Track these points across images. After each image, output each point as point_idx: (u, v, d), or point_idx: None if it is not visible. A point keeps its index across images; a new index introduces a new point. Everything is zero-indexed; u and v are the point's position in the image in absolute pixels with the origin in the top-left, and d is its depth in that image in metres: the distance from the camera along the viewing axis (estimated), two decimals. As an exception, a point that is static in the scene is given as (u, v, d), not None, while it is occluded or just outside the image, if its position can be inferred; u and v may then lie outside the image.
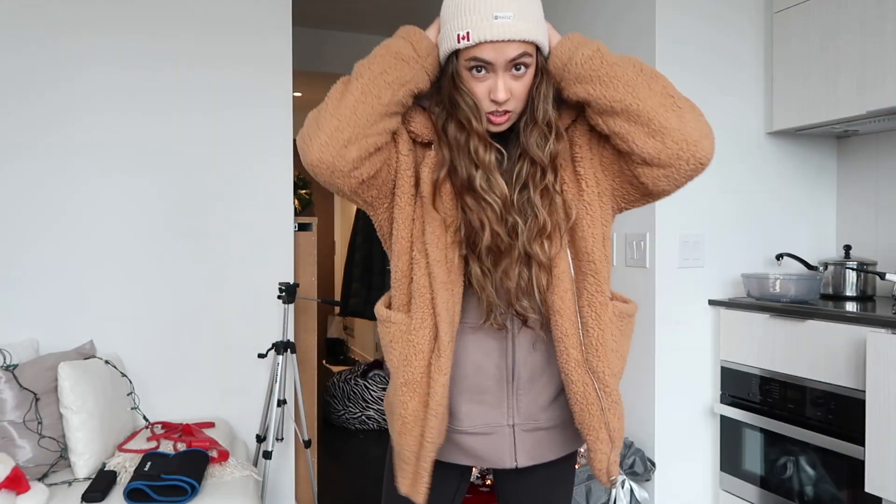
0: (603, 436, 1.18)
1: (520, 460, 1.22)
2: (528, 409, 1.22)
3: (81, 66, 2.51)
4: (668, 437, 2.52)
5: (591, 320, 1.16)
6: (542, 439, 1.23)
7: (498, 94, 1.09)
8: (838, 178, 2.81)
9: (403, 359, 1.17)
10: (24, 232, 2.45)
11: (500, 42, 1.07)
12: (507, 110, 1.13)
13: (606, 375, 1.16)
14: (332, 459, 3.86)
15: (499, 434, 1.21)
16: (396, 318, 1.19)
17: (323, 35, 5.15)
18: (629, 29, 2.61)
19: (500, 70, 1.09)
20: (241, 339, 2.71)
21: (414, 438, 1.17)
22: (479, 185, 1.13)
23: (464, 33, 1.08)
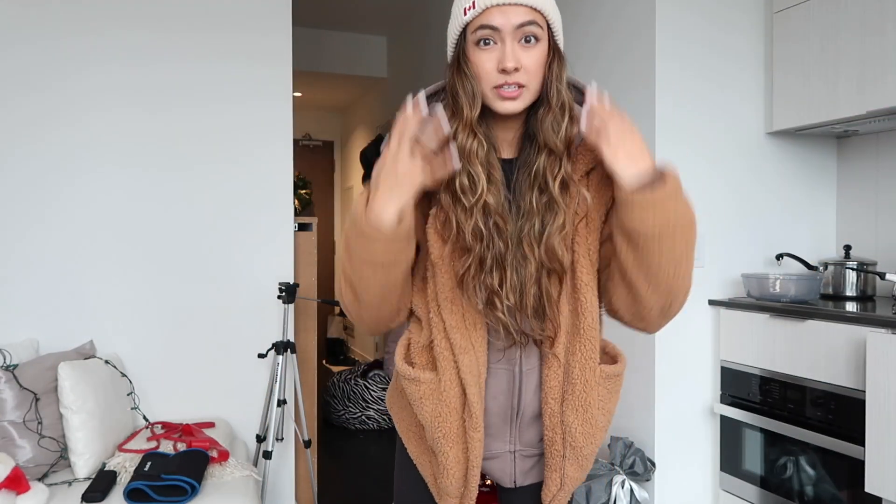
0: (555, 477, 1.21)
1: (518, 481, 1.28)
2: (527, 439, 1.26)
3: (82, 64, 2.51)
4: (668, 436, 2.52)
5: (578, 382, 1.17)
6: (536, 463, 1.28)
7: (507, 60, 1.04)
8: (838, 178, 2.81)
9: (437, 415, 1.19)
10: (24, 231, 2.45)
11: (506, 5, 1.04)
12: (519, 83, 1.06)
13: (577, 433, 1.18)
14: (332, 459, 3.86)
15: (501, 459, 1.26)
16: (425, 378, 1.19)
17: (323, 35, 5.15)
18: (629, 24, 2.61)
19: (508, 37, 1.05)
20: (241, 339, 2.71)
21: (459, 479, 1.21)
22: (459, 183, 1.08)
23: (469, 4, 1.05)
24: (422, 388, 1.19)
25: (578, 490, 2.36)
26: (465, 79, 1.09)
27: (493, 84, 1.07)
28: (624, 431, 2.64)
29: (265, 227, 2.75)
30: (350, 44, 5.25)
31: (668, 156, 2.50)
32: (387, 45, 5.35)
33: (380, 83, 5.54)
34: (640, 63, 2.55)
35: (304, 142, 7.27)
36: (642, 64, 2.55)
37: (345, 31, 5.19)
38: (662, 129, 2.49)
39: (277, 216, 2.76)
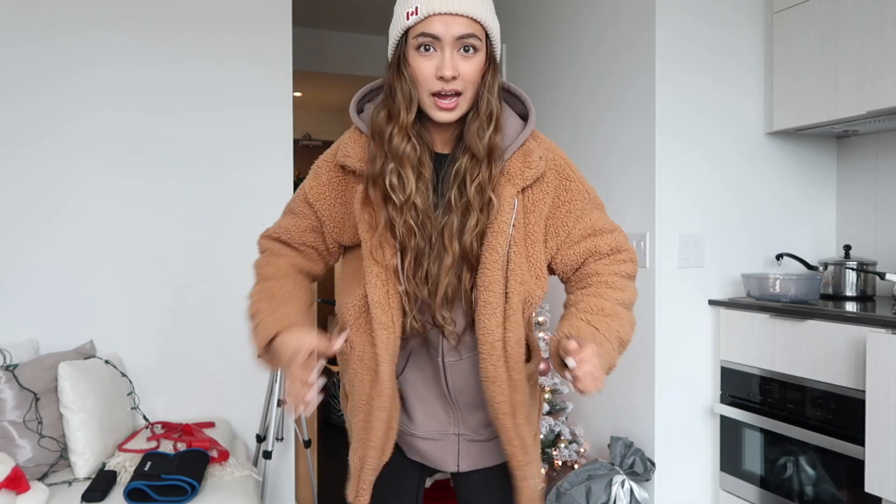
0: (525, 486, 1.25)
1: (462, 465, 1.31)
2: (471, 424, 1.30)
3: (81, 64, 2.51)
4: (668, 437, 2.52)
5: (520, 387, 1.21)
6: (483, 449, 1.32)
7: (444, 69, 1.08)
8: (838, 178, 2.81)
9: (351, 386, 1.26)
10: (25, 232, 2.45)
11: (448, 15, 1.07)
12: (456, 91, 1.10)
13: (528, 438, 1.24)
14: (332, 459, 3.86)
15: (446, 441, 1.30)
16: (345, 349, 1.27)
17: (323, 35, 5.15)
18: (629, 23, 2.61)
19: (447, 46, 1.08)
20: (241, 338, 2.71)
21: (358, 458, 1.25)
22: (389, 182, 1.13)
23: (412, 9, 1.08)
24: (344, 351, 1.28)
25: (578, 490, 2.36)
26: (404, 82, 1.12)
27: (430, 90, 1.11)
28: (624, 431, 2.64)
29: (265, 226, 2.74)
30: (350, 44, 5.24)
31: (668, 155, 2.50)
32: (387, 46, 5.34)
33: (380, 83, 5.53)
34: (640, 62, 2.55)
35: (304, 142, 7.27)
36: (642, 63, 2.55)
37: (345, 31, 5.19)
38: (662, 128, 2.49)
39: (277, 216, 2.75)
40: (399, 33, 1.12)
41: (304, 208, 1.28)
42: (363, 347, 1.22)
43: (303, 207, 1.28)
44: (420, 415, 1.29)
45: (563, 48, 3.03)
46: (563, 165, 1.24)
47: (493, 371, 1.18)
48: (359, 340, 1.22)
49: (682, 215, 2.54)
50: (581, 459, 2.73)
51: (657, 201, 2.49)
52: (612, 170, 2.71)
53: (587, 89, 2.87)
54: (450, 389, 1.26)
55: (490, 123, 1.14)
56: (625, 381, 2.65)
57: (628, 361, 2.62)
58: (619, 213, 2.62)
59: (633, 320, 1.24)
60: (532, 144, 1.21)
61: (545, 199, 1.20)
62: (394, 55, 1.14)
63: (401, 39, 1.12)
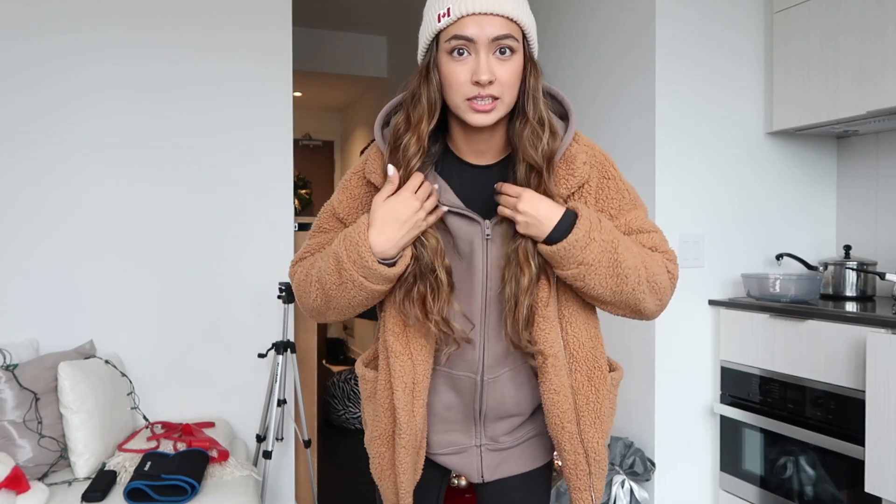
0: (586, 496, 1.21)
1: (485, 476, 1.28)
2: (493, 434, 1.27)
3: (81, 63, 2.51)
4: (668, 437, 2.52)
5: (591, 395, 1.18)
6: (507, 457, 1.28)
7: (481, 72, 1.02)
8: (838, 178, 2.81)
9: (375, 415, 1.23)
10: (25, 231, 2.45)
11: (482, 15, 1.01)
12: (493, 95, 1.04)
13: (599, 446, 1.19)
14: (332, 459, 3.86)
15: (467, 453, 1.27)
16: (368, 377, 1.25)
17: (323, 35, 5.15)
18: (629, 23, 2.61)
19: (482, 49, 1.02)
20: (241, 338, 2.71)
21: (391, 484, 1.23)
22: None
23: (444, 10, 1.03)
24: (366, 387, 1.25)
25: (578, 490, 2.36)
26: (431, 88, 1.08)
27: (466, 95, 1.05)
28: (624, 431, 2.64)
29: (265, 226, 2.75)
30: (350, 44, 5.24)
31: (668, 155, 2.50)
32: (387, 45, 5.35)
33: (380, 83, 5.54)
34: (641, 62, 2.55)
35: (304, 142, 7.27)
36: (642, 63, 2.55)
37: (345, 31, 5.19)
38: (662, 128, 2.49)
39: (277, 216, 2.76)
40: (430, 37, 1.07)
41: (334, 223, 1.23)
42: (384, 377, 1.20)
43: (332, 223, 1.24)
44: (436, 437, 1.26)
45: (563, 48, 3.03)
46: (604, 163, 1.20)
47: (557, 383, 1.14)
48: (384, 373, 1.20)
49: (682, 215, 2.54)
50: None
51: (657, 201, 2.49)
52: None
53: (587, 89, 2.87)
54: (482, 406, 1.22)
55: (543, 129, 1.09)
56: (625, 381, 2.65)
57: (628, 361, 2.62)
58: (619, 213, 2.61)
59: (649, 265, 1.14)
60: (575, 148, 1.16)
61: (588, 200, 1.17)
62: (424, 60, 1.09)
63: (431, 44, 1.07)
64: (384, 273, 1.07)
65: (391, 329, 1.16)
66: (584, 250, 1.06)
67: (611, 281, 1.09)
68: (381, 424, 1.21)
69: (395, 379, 1.16)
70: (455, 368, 1.21)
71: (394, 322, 1.16)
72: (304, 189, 6.88)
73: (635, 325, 2.57)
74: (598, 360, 1.18)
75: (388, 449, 1.22)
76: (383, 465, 1.23)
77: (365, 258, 1.06)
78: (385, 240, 1.07)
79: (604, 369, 1.19)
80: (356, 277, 1.08)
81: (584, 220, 1.07)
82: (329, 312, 1.18)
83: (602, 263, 1.08)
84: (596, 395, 1.17)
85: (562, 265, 1.08)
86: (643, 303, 1.14)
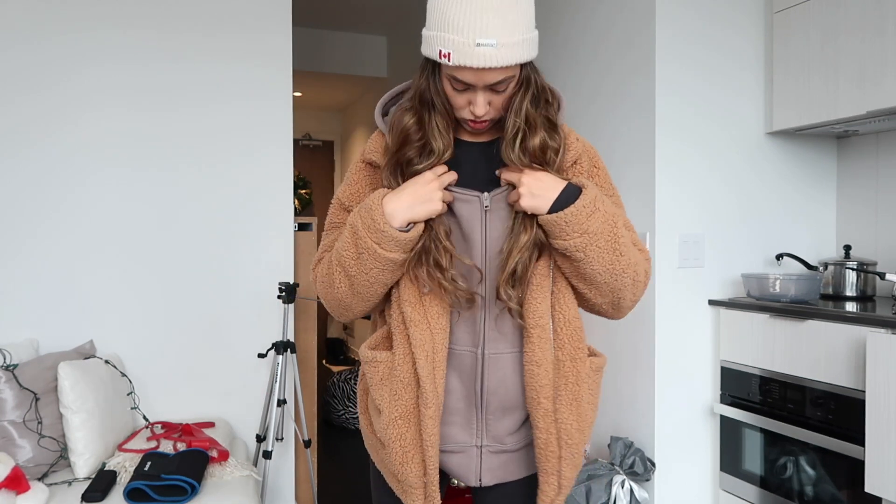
0: (553, 481, 1.21)
1: (484, 479, 1.26)
2: (496, 432, 1.25)
3: (81, 63, 2.51)
4: (667, 437, 2.52)
5: (571, 374, 1.19)
6: (508, 461, 1.27)
7: (477, 110, 1.12)
8: (838, 178, 2.81)
9: (393, 394, 1.20)
10: (25, 231, 2.45)
11: (480, 70, 1.07)
12: (485, 119, 1.16)
13: (573, 429, 1.19)
14: (332, 459, 3.86)
15: (466, 454, 1.25)
16: (381, 357, 1.23)
17: (323, 35, 5.14)
18: (629, 23, 2.61)
19: (479, 90, 1.11)
20: (241, 338, 2.71)
21: (418, 465, 1.20)
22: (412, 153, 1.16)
23: (446, 52, 1.07)
24: (380, 369, 1.22)
25: (578, 490, 2.36)
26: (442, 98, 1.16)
27: (462, 116, 1.16)
28: (624, 431, 2.64)
29: (265, 226, 2.75)
30: (350, 44, 5.24)
31: (668, 155, 2.50)
32: (387, 45, 5.35)
33: (380, 83, 5.54)
34: (640, 62, 2.55)
35: (304, 142, 7.27)
36: (642, 63, 2.54)
37: (345, 31, 5.19)
38: (662, 128, 2.49)
39: (277, 216, 2.76)
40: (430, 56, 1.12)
41: (342, 215, 1.28)
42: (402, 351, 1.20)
43: (342, 216, 1.28)
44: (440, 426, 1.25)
45: (563, 48, 3.03)
46: (595, 154, 1.27)
47: (540, 355, 1.17)
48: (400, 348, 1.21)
49: (682, 215, 2.54)
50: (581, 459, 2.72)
51: (657, 201, 2.49)
52: (612, 170, 2.70)
53: (587, 89, 2.87)
54: (483, 388, 1.21)
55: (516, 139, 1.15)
56: (625, 381, 2.65)
57: (628, 361, 2.62)
58: (619, 213, 2.61)
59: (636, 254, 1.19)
60: (566, 129, 1.24)
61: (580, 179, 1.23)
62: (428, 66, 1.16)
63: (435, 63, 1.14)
64: (396, 236, 1.10)
65: (407, 299, 1.17)
66: (589, 218, 1.10)
67: (609, 256, 1.12)
68: (401, 402, 1.19)
69: (417, 348, 1.16)
70: (457, 343, 1.21)
71: (409, 292, 1.18)
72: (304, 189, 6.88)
73: (635, 325, 2.57)
74: (581, 343, 1.21)
75: (412, 426, 1.19)
76: (406, 447, 1.19)
77: (377, 221, 1.10)
78: (397, 205, 1.12)
79: (585, 351, 1.22)
80: (370, 244, 1.11)
81: (591, 190, 1.12)
82: (355, 301, 1.19)
83: (603, 235, 1.11)
84: (576, 376, 1.19)
85: (566, 233, 1.10)
86: (625, 291, 1.18)
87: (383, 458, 1.25)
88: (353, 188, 1.27)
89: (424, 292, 1.17)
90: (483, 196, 1.19)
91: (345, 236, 1.16)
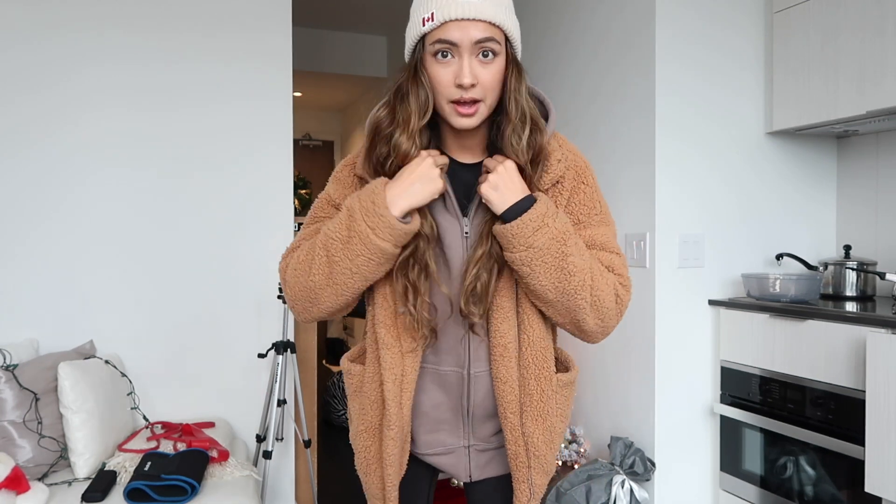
0: (524, 489, 1.24)
1: (474, 475, 1.30)
2: (482, 434, 1.29)
3: (81, 64, 2.51)
4: (668, 436, 2.52)
5: (535, 392, 1.21)
6: (493, 457, 1.31)
7: (463, 76, 1.06)
8: (838, 178, 2.81)
9: (361, 408, 1.24)
10: (25, 231, 2.45)
11: (465, 20, 1.05)
12: (475, 99, 1.08)
13: (539, 442, 1.22)
14: (332, 459, 3.86)
15: (455, 454, 1.29)
16: (355, 371, 1.26)
17: (323, 35, 5.14)
18: (629, 23, 2.61)
19: (465, 52, 1.06)
20: (241, 338, 2.71)
21: (378, 478, 1.25)
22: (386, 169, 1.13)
23: (428, 15, 1.07)
24: (353, 382, 1.26)
25: (578, 490, 2.36)
26: (421, 88, 1.11)
27: (449, 98, 1.09)
28: (624, 431, 2.65)
29: (265, 226, 2.75)
30: (350, 44, 5.24)
31: (668, 155, 2.50)
32: (387, 45, 5.35)
33: (380, 83, 5.54)
34: (640, 62, 2.55)
35: (304, 142, 7.27)
36: (642, 63, 2.54)
37: (345, 31, 5.19)
38: (662, 128, 2.49)
39: (277, 216, 2.76)
40: (415, 38, 1.11)
41: (330, 210, 1.24)
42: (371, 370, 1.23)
43: (328, 210, 1.25)
44: (424, 437, 1.28)
45: (563, 48, 3.03)
46: (584, 169, 1.22)
47: (504, 373, 1.18)
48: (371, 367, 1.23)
49: (682, 215, 2.54)
50: (581, 459, 2.73)
51: (657, 201, 2.49)
52: (612, 170, 2.71)
53: (587, 89, 2.87)
54: (470, 402, 1.24)
55: (525, 125, 1.11)
56: (625, 381, 2.65)
57: (628, 361, 2.62)
58: (620, 213, 2.62)
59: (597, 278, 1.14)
60: (552, 146, 1.19)
61: (560, 200, 1.19)
62: (410, 59, 1.13)
63: (417, 44, 1.11)
64: (392, 224, 1.07)
65: (382, 321, 1.18)
66: (535, 233, 1.08)
67: (556, 273, 1.09)
68: (367, 418, 1.23)
69: (385, 371, 1.18)
70: (442, 365, 1.23)
71: (384, 314, 1.18)
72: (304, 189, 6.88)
73: (635, 325, 2.57)
74: (546, 362, 1.21)
75: (375, 442, 1.24)
76: (369, 459, 1.25)
77: (378, 205, 1.07)
78: (397, 191, 1.09)
79: (551, 370, 1.22)
80: (364, 229, 1.08)
81: (542, 205, 1.10)
82: (327, 292, 1.14)
83: (550, 252, 1.09)
84: (541, 394, 1.20)
85: (511, 246, 1.09)
86: (583, 313, 1.13)
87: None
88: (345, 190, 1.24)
89: (400, 312, 1.16)
90: (462, 221, 1.18)
91: (338, 219, 1.12)
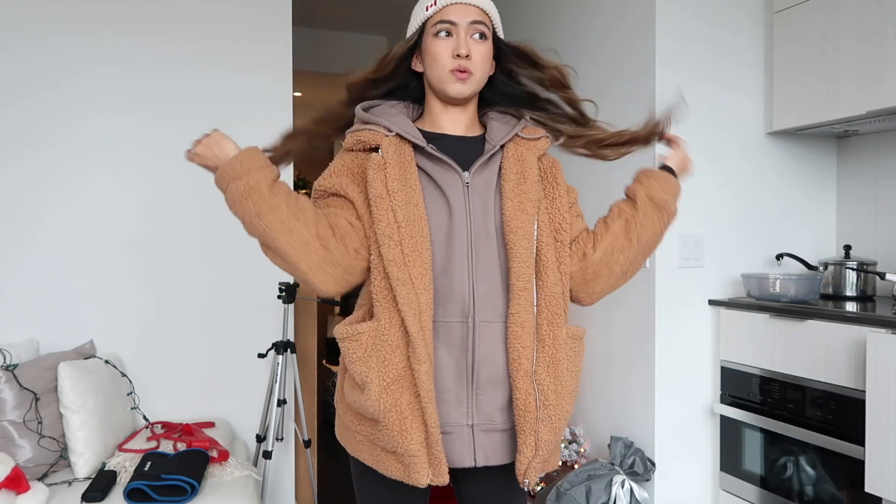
0: (530, 441, 1.23)
1: (478, 459, 1.26)
2: (486, 409, 1.26)
3: (82, 67, 2.51)
4: (668, 436, 2.52)
5: (547, 338, 1.25)
6: (499, 441, 1.27)
7: (461, 47, 1.27)
8: (838, 178, 2.81)
9: (382, 360, 1.20)
10: (25, 232, 2.45)
11: (463, 4, 1.30)
12: (469, 69, 1.29)
13: (549, 391, 1.24)
14: (332, 459, 3.86)
15: (458, 434, 1.26)
16: (364, 328, 1.23)
17: (323, 35, 5.15)
18: (629, 24, 2.61)
19: (462, 31, 1.29)
20: (241, 339, 2.71)
21: (418, 430, 1.19)
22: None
23: (432, 2, 1.31)
24: (363, 341, 1.22)
25: (578, 490, 2.36)
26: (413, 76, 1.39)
27: (448, 67, 1.29)
28: (624, 431, 2.65)
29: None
30: (350, 44, 5.24)
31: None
32: (387, 46, 5.35)
33: (380, 83, 5.53)
34: (641, 63, 2.55)
35: (304, 142, 7.25)
36: (643, 64, 2.55)
37: (345, 31, 5.19)
38: (662, 129, 2.49)
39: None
40: (419, 24, 1.33)
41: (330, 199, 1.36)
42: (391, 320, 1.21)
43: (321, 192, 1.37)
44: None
45: (563, 51, 3.03)
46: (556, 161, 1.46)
47: (524, 317, 1.23)
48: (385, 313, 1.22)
49: (681, 215, 2.53)
50: (581, 459, 2.73)
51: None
52: (611, 170, 2.70)
53: (588, 90, 2.86)
54: (474, 358, 1.23)
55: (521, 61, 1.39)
56: (625, 381, 2.65)
57: (628, 361, 2.62)
58: (619, 213, 2.62)
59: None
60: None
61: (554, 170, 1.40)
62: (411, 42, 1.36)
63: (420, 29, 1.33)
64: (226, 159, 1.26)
65: (392, 259, 1.19)
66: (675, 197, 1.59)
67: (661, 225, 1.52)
68: (392, 367, 1.19)
69: (405, 307, 1.18)
70: (448, 316, 1.24)
71: (393, 253, 1.20)
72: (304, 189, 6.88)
73: (635, 324, 2.57)
74: (558, 308, 1.27)
75: (406, 390, 1.19)
76: (404, 412, 1.18)
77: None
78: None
79: (562, 317, 1.28)
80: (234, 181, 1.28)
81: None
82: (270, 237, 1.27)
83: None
84: (553, 339, 1.25)
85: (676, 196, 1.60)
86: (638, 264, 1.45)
87: (377, 437, 1.25)
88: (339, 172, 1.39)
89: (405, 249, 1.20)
90: (463, 175, 1.29)
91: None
